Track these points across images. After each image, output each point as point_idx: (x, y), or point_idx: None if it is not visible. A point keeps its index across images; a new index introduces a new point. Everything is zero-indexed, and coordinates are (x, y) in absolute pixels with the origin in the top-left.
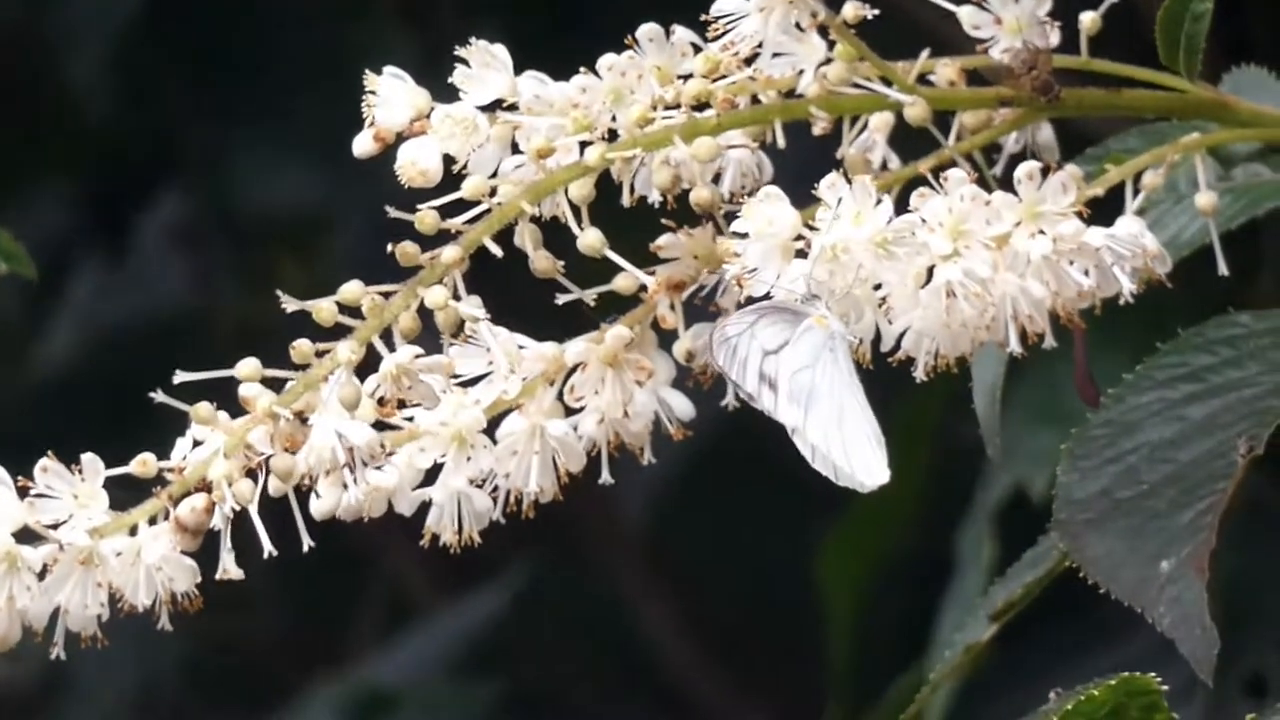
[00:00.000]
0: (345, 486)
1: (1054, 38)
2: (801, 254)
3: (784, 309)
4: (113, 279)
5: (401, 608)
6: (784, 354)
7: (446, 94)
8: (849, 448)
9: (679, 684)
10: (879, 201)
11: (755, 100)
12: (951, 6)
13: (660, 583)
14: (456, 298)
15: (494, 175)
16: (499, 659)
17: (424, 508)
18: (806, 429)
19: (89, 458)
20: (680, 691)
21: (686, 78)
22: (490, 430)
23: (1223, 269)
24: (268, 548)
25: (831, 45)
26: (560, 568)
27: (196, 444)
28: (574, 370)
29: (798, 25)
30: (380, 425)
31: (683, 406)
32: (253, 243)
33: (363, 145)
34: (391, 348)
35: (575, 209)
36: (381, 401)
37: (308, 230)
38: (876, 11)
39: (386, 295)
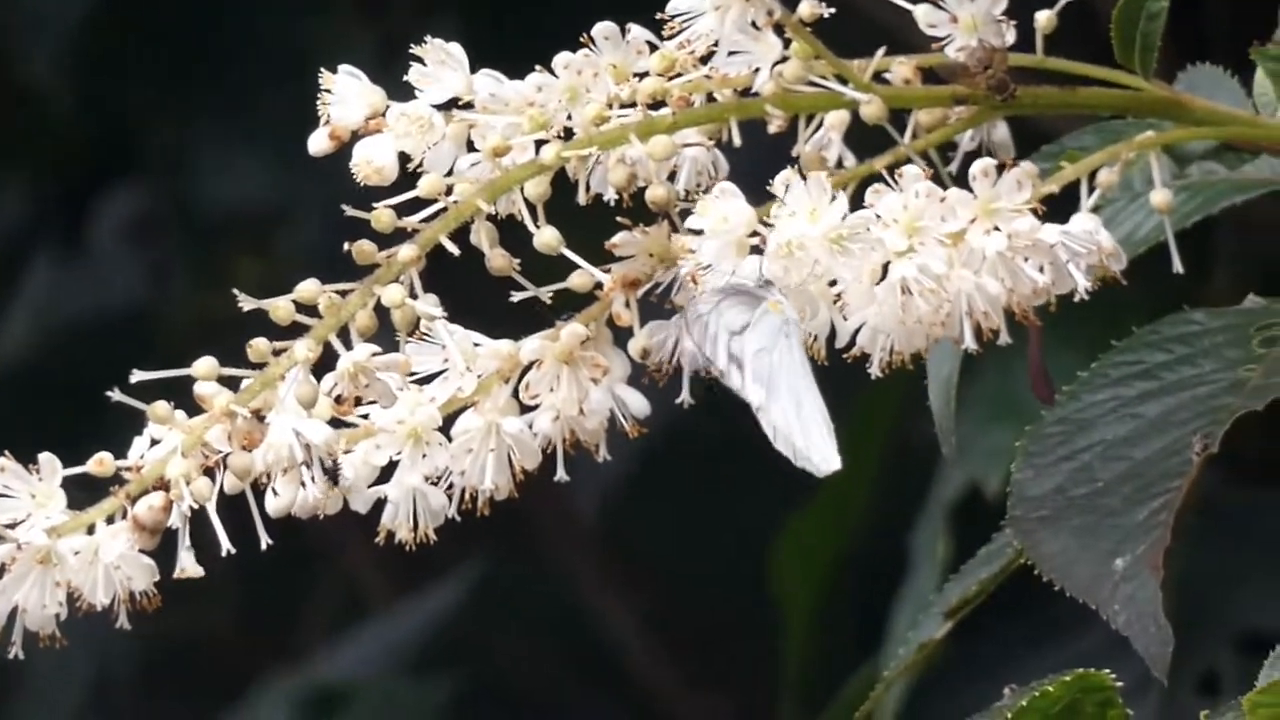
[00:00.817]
0: (302, 484)
1: (1009, 36)
2: (756, 250)
3: (744, 291)
4: (69, 273)
5: (357, 604)
6: (747, 335)
7: (404, 90)
8: (806, 431)
9: (636, 679)
10: (834, 198)
11: (711, 98)
12: (907, 5)
13: (617, 578)
14: (413, 296)
15: (450, 173)
16: (454, 655)
17: (379, 505)
18: (770, 409)
19: (46, 457)
20: (638, 686)
21: (642, 76)
22: (446, 428)
23: (1178, 266)
24: (226, 546)
25: (787, 43)
26: (516, 564)
27: (154, 443)
28: (529, 368)
29: (754, 24)
30: (337, 423)
31: (638, 404)
32: (210, 239)
33: (318, 143)
34: (348, 346)
35: (531, 207)
36: (339, 399)
37: (265, 226)
38: (833, 10)
39: (343, 294)
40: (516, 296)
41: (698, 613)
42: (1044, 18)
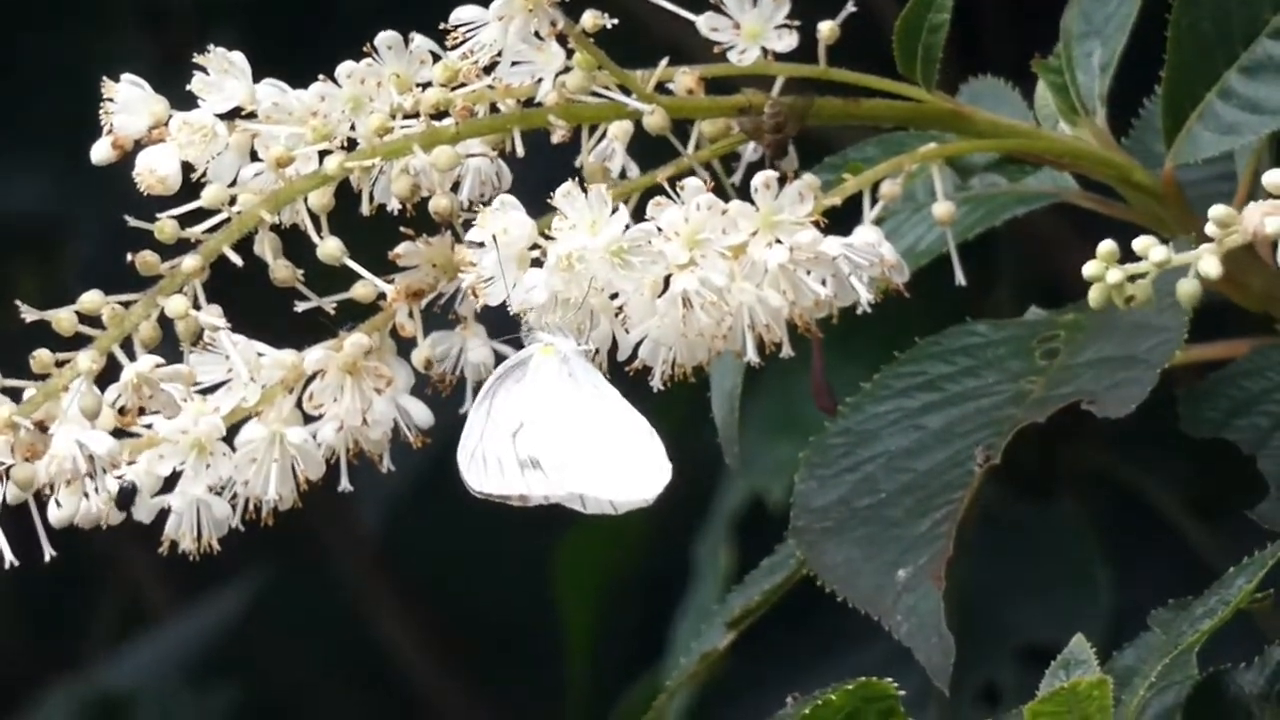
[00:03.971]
0: (86, 495)
1: (791, 40)
2: (537, 263)
3: (510, 369)
4: None
5: (138, 614)
6: (527, 423)
7: (184, 103)
8: (618, 469)
9: (417, 692)
10: (614, 210)
11: (494, 109)
12: (689, 15)
13: (399, 589)
14: (197, 306)
15: (233, 183)
16: (234, 664)
17: (163, 515)
18: (573, 487)
19: None
20: (418, 699)
21: (426, 86)
22: (230, 438)
23: (960, 279)
24: (9, 558)
25: (571, 54)
26: (297, 574)
27: None
28: (313, 378)
29: (537, 34)
30: (121, 433)
31: (421, 414)
32: None
33: (101, 153)
34: (132, 357)
35: (315, 217)
36: (122, 410)
37: (45, 239)
38: (615, 20)
39: (127, 304)
40: (300, 307)
41: (480, 624)
42: (826, 28)
